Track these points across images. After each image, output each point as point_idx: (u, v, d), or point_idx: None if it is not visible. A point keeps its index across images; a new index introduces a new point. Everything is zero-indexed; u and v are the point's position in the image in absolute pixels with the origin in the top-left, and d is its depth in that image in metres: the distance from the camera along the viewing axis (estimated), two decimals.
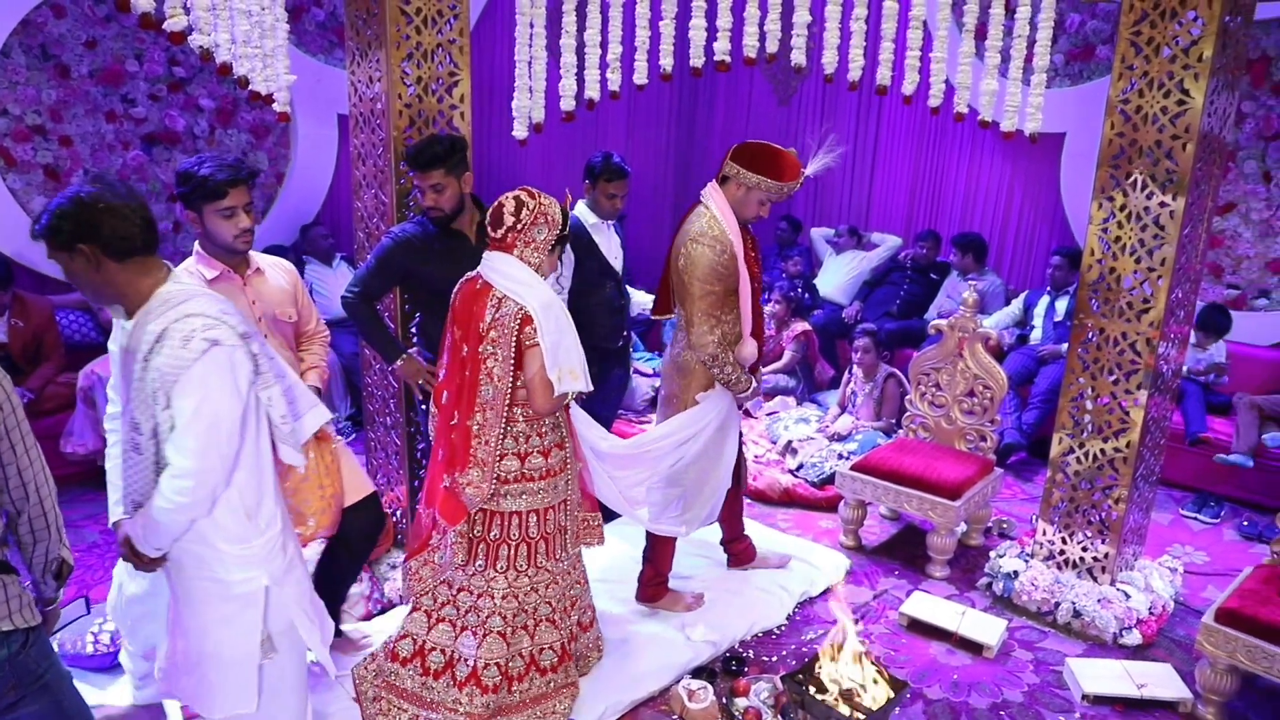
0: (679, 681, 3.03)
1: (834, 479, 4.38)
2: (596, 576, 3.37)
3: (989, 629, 3.42)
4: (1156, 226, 3.24)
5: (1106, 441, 3.47)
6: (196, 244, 2.64)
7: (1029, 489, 4.91)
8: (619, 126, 7.43)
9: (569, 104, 3.75)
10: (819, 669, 2.76)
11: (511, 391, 2.61)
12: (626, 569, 3.70)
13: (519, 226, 2.60)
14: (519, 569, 2.76)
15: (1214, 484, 4.82)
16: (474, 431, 2.62)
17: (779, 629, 3.51)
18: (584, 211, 3.78)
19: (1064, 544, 3.65)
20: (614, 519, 3.57)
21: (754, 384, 3.25)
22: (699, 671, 3.16)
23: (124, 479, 2.05)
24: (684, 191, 8.03)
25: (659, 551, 3.47)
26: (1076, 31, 5.81)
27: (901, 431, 4.52)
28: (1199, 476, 4.86)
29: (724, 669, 3.21)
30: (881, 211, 7.02)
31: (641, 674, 3.11)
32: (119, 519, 2.13)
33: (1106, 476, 3.49)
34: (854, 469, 4.12)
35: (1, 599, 1.80)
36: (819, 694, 2.69)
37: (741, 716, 2.89)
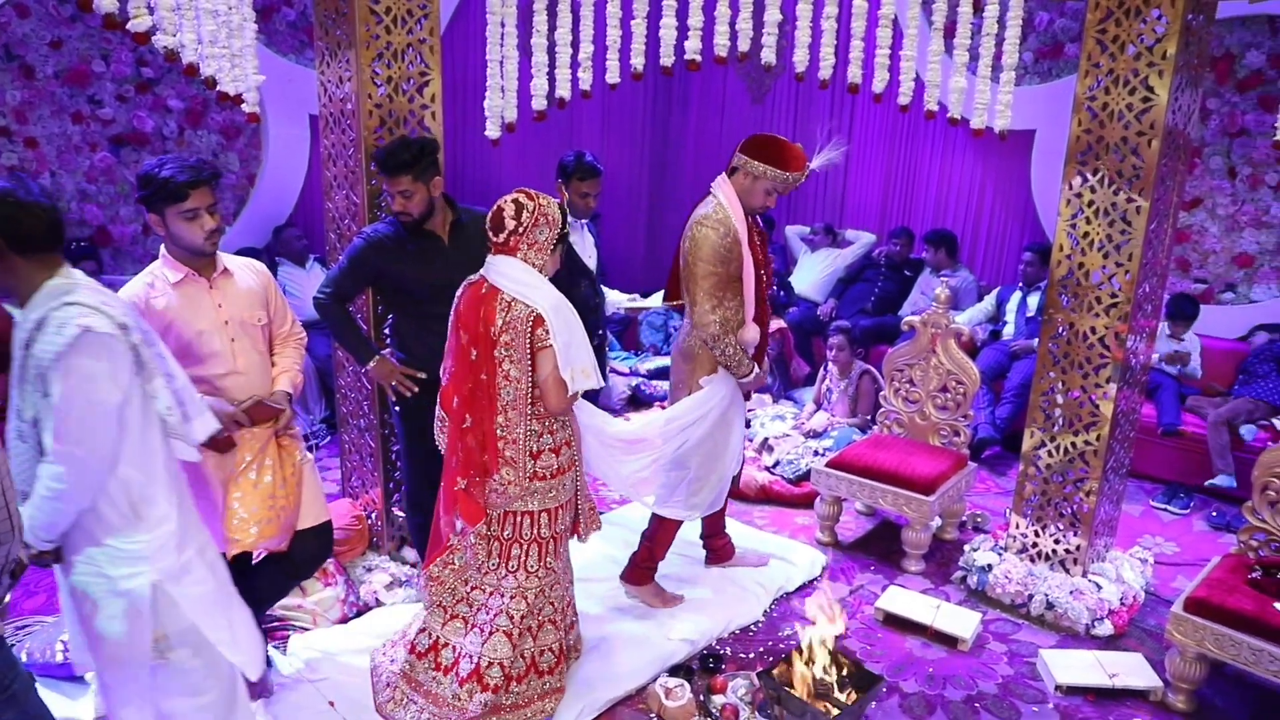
0: (656, 680, 3.03)
1: (810, 475, 4.40)
2: (575, 576, 3.37)
3: (963, 622, 3.45)
4: (1123, 222, 3.28)
5: (1077, 435, 3.51)
6: (162, 247, 2.61)
7: (1003, 483, 4.95)
8: (594, 125, 7.42)
9: (540, 103, 3.74)
10: (795, 664, 2.77)
11: (530, 391, 2.65)
12: (604, 568, 3.70)
13: (520, 229, 2.61)
14: (529, 569, 2.80)
15: (1184, 475, 4.89)
16: (498, 434, 2.66)
17: (756, 626, 3.52)
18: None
19: (1037, 537, 3.68)
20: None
21: (755, 369, 3.29)
22: (676, 669, 3.16)
23: (14, 469, 2.04)
24: (659, 190, 8.03)
25: (661, 536, 3.53)
26: (1045, 30, 5.87)
27: (876, 427, 4.55)
28: (1169, 468, 4.93)
29: (701, 666, 3.21)
30: (855, 209, 7.06)
31: (619, 673, 3.11)
32: None
33: (1078, 469, 3.53)
34: (829, 465, 4.14)
35: None
36: (795, 690, 2.71)
37: (719, 713, 2.90)
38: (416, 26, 3.28)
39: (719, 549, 3.83)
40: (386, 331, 3.42)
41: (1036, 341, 3.64)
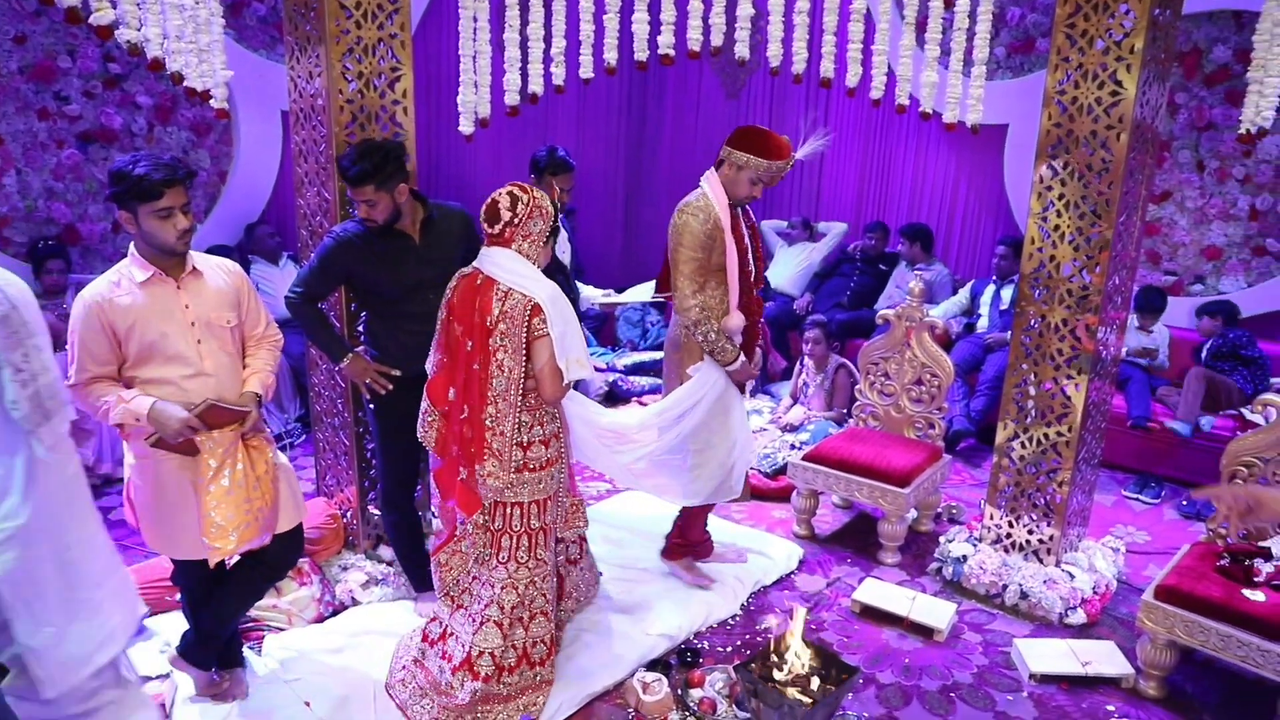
0: (634, 674, 3.03)
1: (786, 469, 4.42)
2: None
3: (939, 613, 3.48)
4: (1093, 215, 3.32)
5: (1050, 426, 3.54)
6: (131, 245, 2.57)
7: (978, 474, 4.99)
8: (569, 121, 7.40)
9: (513, 98, 3.72)
10: (771, 658, 2.78)
11: (522, 382, 2.68)
12: None
13: (516, 221, 2.67)
14: (519, 560, 2.84)
15: (1155, 465, 4.95)
16: (487, 424, 2.70)
17: (733, 619, 3.53)
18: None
19: (1010, 528, 3.72)
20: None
21: (741, 357, 3.30)
22: (654, 664, 3.17)
23: None
24: (635, 185, 8.03)
25: (688, 518, 3.63)
26: (1017, 25, 5.91)
27: (852, 421, 4.57)
28: (1140, 458, 5.00)
29: (679, 660, 3.22)
30: (830, 203, 7.09)
31: (596, 668, 3.11)
32: None
33: (1050, 460, 3.57)
34: (806, 459, 4.16)
35: None
36: (772, 682, 2.71)
37: (697, 707, 2.91)
38: (387, 21, 3.25)
39: (697, 545, 3.84)
40: (360, 330, 3.40)
41: (1010, 334, 3.67)
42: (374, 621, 3.35)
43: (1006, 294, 5.54)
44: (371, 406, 3.25)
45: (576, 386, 4.25)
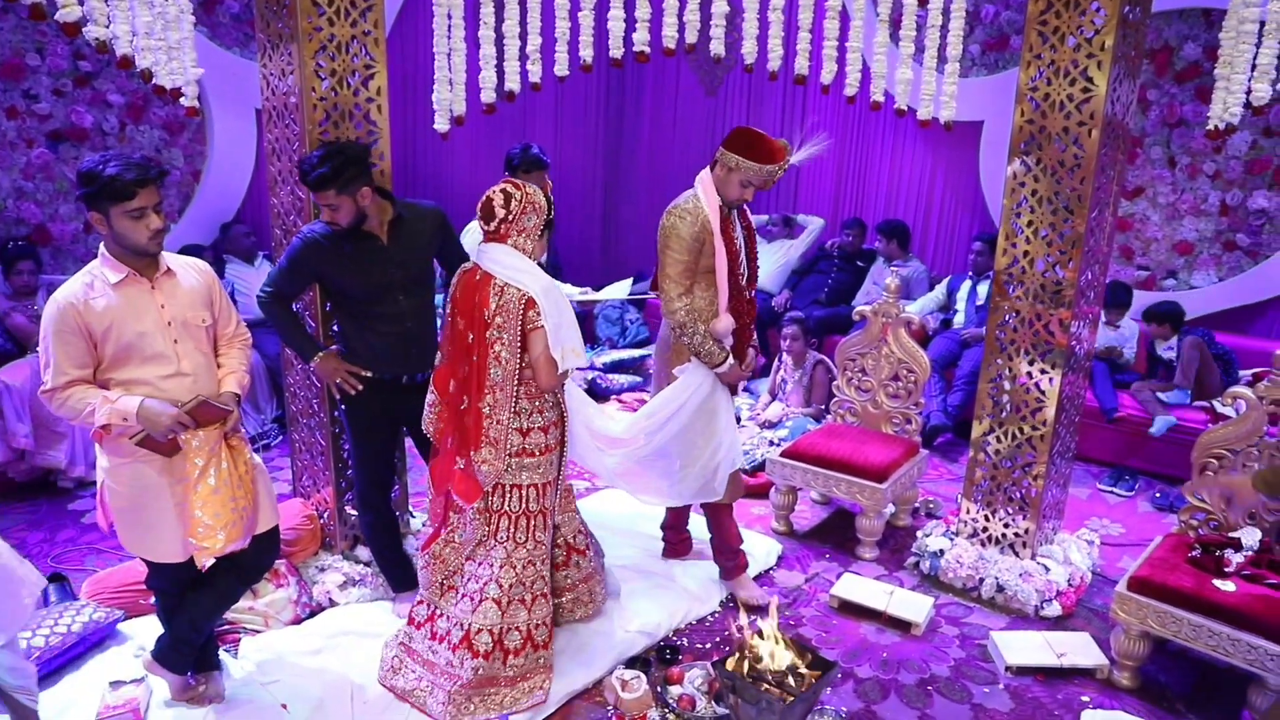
0: (612, 672, 3.03)
1: (765, 466, 4.43)
2: None
3: (916, 607, 3.50)
4: (1066, 211, 3.34)
5: (1024, 421, 3.57)
6: (102, 245, 2.54)
7: (955, 469, 5.03)
8: (547, 119, 7.39)
9: (489, 96, 3.71)
10: (750, 654, 2.79)
11: (518, 372, 2.77)
12: None
13: (510, 217, 2.76)
14: (517, 540, 2.92)
15: (1129, 458, 5.01)
16: (485, 413, 2.79)
17: (712, 616, 3.54)
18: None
19: (987, 521, 3.75)
20: None
21: (730, 360, 3.27)
22: (633, 661, 3.17)
23: None
24: (613, 183, 8.02)
25: (717, 527, 3.58)
26: (992, 22, 5.95)
27: (830, 417, 4.59)
28: (1115, 451, 5.05)
29: (658, 658, 3.22)
30: (808, 200, 7.11)
31: (575, 666, 3.12)
32: None
33: (1025, 455, 3.60)
34: (784, 455, 4.17)
35: None
36: (750, 678, 2.72)
37: (675, 704, 2.91)
38: (360, 18, 3.23)
39: (678, 543, 3.85)
40: (334, 329, 3.37)
41: (986, 330, 3.70)
42: (351, 622, 3.34)
43: (983, 290, 5.58)
44: (343, 407, 3.23)
45: None
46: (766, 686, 2.69)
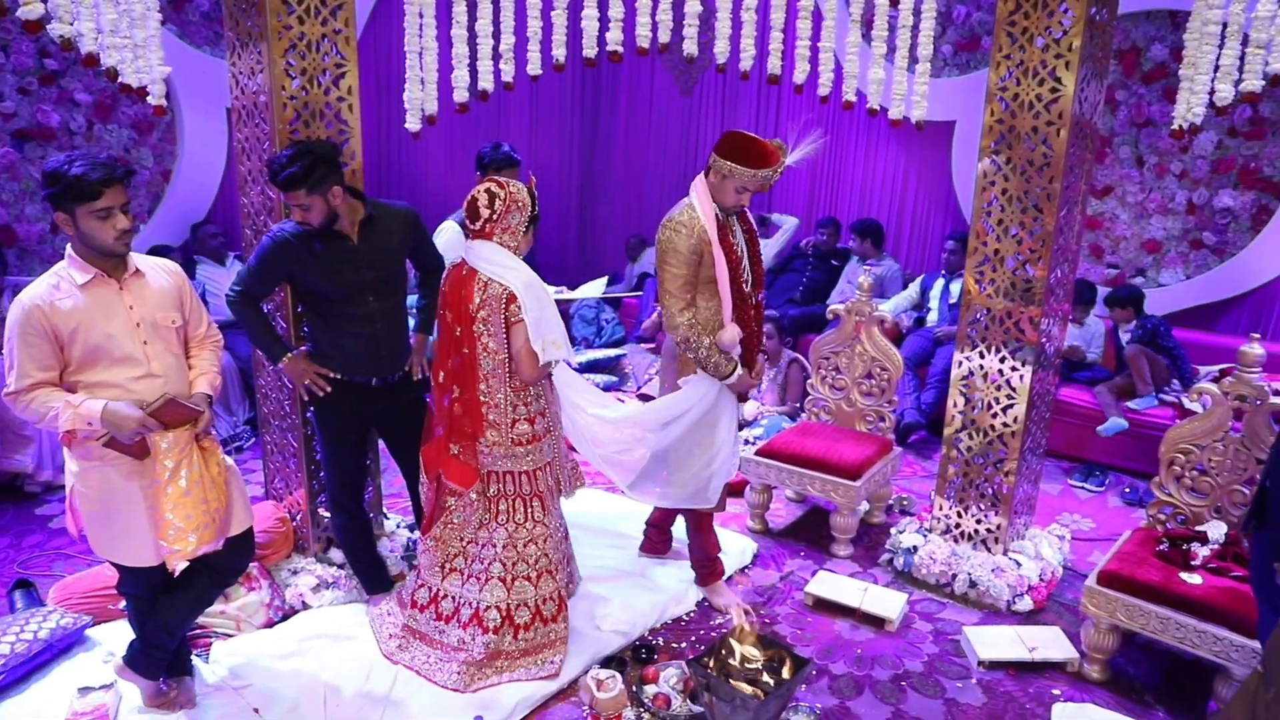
0: (588, 672, 3.03)
1: (740, 464, 4.44)
2: None
3: (890, 603, 3.53)
4: (1035, 209, 3.38)
5: (995, 417, 3.60)
6: (69, 246, 2.51)
7: (928, 466, 5.07)
8: (522, 118, 7.37)
9: (462, 95, 3.69)
10: (724, 652, 2.80)
11: (507, 362, 2.89)
12: None
13: (494, 216, 2.86)
14: (518, 522, 3.05)
15: (1099, 454, 5.07)
16: (482, 399, 2.92)
17: (688, 615, 3.54)
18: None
19: (959, 518, 3.78)
20: None
21: (738, 370, 3.22)
22: (609, 661, 3.17)
23: None
24: (588, 182, 8.02)
25: (695, 538, 3.56)
26: (963, 23, 6.01)
27: (805, 415, 4.62)
28: (1085, 447, 5.11)
29: (634, 657, 3.23)
30: (783, 199, 7.14)
31: (551, 668, 3.11)
32: None
33: (997, 451, 3.63)
34: (759, 454, 4.18)
35: None
36: (724, 677, 2.73)
37: (651, 703, 2.92)
38: (331, 17, 3.21)
39: (658, 541, 3.83)
40: (305, 330, 3.34)
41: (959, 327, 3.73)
42: (325, 625, 3.31)
43: (955, 288, 5.63)
44: (313, 409, 3.21)
45: None
46: (741, 684, 2.70)
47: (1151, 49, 5.41)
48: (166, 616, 2.72)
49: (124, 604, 2.84)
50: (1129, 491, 4.78)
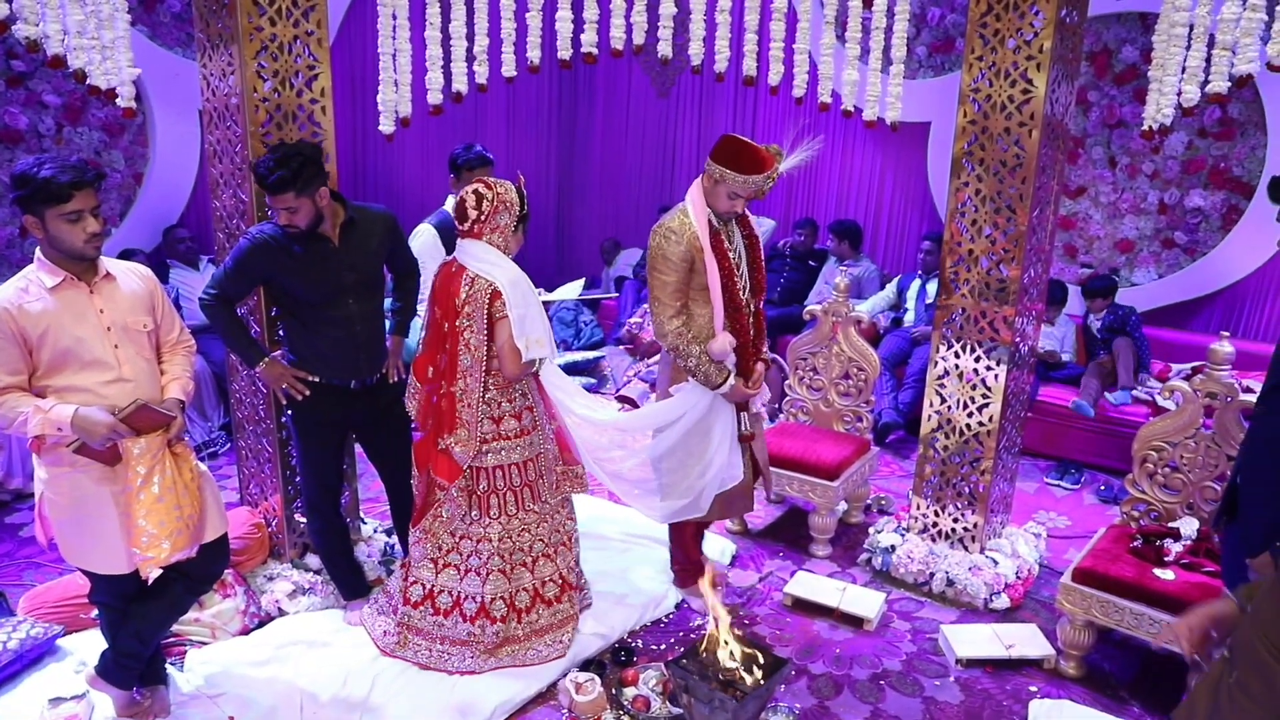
0: (567, 675, 3.03)
1: None
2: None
3: (868, 603, 3.54)
4: (1009, 210, 3.41)
5: (971, 417, 3.63)
6: (38, 250, 2.47)
7: (906, 466, 5.09)
8: (499, 120, 7.34)
9: (436, 97, 3.68)
10: (703, 653, 2.79)
11: (486, 360, 2.93)
12: None
13: (483, 216, 2.92)
14: (510, 514, 3.12)
15: (1074, 452, 5.11)
16: (458, 397, 2.96)
17: (667, 617, 3.54)
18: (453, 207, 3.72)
19: (937, 517, 3.80)
20: None
21: (731, 379, 3.15)
22: (588, 664, 3.17)
23: None
24: (567, 184, 8.01)
25: (677, 540, 3.55)
26: (938, 25, 6.05)
27: (783, 416, 4.63)
28: (1059, 445, 5.15)
29: (613, 660, 3.22)
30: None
31: (531, 670, 3.10)
32: None
33: (973, 450, 3.66)
34: None
35: None
36: (703, 677, 2.73)
37: (630, 705, 2.91)
38: (303, 18, 3.18)
39: (686, 576, 3.62)
40: (280, 335, 3.31)
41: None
42: (302, 631, 3.28)
43: (932, 288, 5.66)
44: (289, 412, 3.18)
45: None
46: (719, 685, 2.69)
47: (1123, 50, 5.47)
48: (140, 625, 2.69)
49: (96, 613, 2.81)
50: (1104, 489, 4.83)
